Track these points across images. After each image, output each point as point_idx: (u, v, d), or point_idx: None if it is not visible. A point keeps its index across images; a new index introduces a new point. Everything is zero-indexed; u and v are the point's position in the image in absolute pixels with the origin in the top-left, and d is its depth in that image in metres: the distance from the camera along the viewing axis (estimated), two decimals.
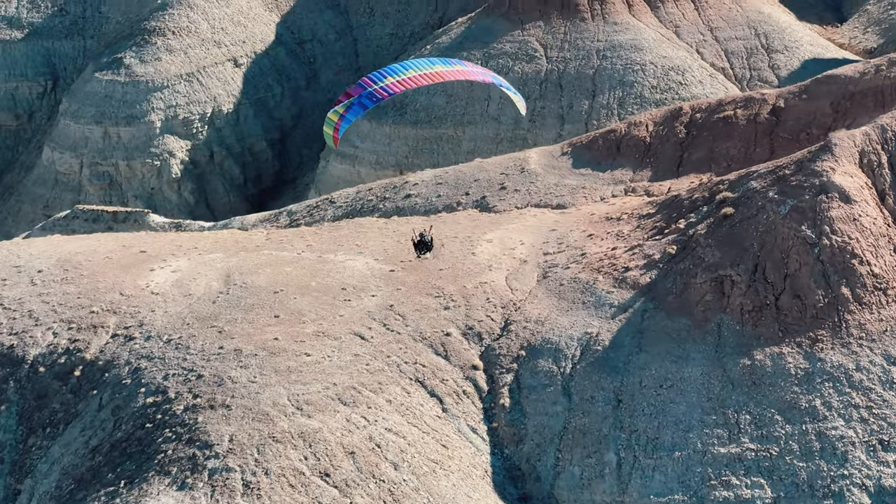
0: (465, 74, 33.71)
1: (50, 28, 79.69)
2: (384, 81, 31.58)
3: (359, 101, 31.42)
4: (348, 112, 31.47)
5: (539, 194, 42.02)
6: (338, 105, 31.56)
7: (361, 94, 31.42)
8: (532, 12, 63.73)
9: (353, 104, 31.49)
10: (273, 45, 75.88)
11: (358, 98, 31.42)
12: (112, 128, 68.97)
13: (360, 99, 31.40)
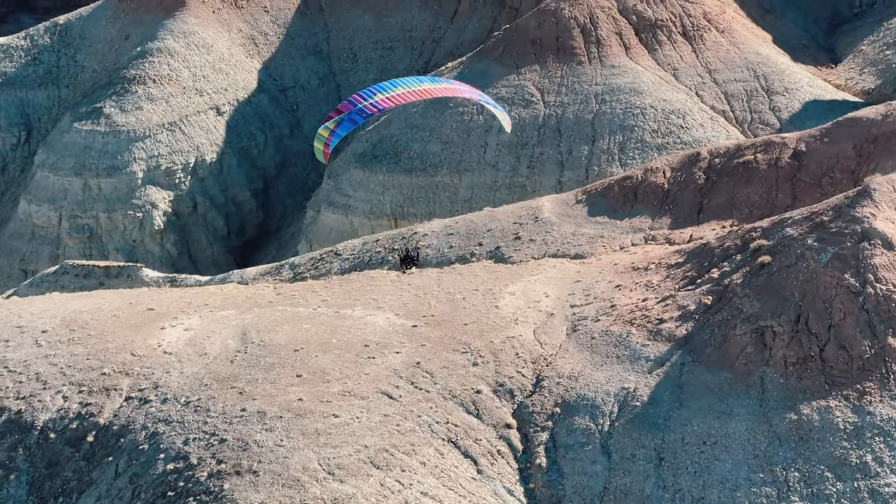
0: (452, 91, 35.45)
1: (23, 77, 78.91)
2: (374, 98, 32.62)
3: (349, 117, 32.45)
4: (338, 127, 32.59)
5: (556, 244, 41.60)
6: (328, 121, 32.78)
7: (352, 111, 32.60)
8: (527, 56, 63.65)
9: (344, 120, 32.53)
10: (255, 92, 75.46)
11: (348, 114, 32.46)
12: (92, 179, 68.19)
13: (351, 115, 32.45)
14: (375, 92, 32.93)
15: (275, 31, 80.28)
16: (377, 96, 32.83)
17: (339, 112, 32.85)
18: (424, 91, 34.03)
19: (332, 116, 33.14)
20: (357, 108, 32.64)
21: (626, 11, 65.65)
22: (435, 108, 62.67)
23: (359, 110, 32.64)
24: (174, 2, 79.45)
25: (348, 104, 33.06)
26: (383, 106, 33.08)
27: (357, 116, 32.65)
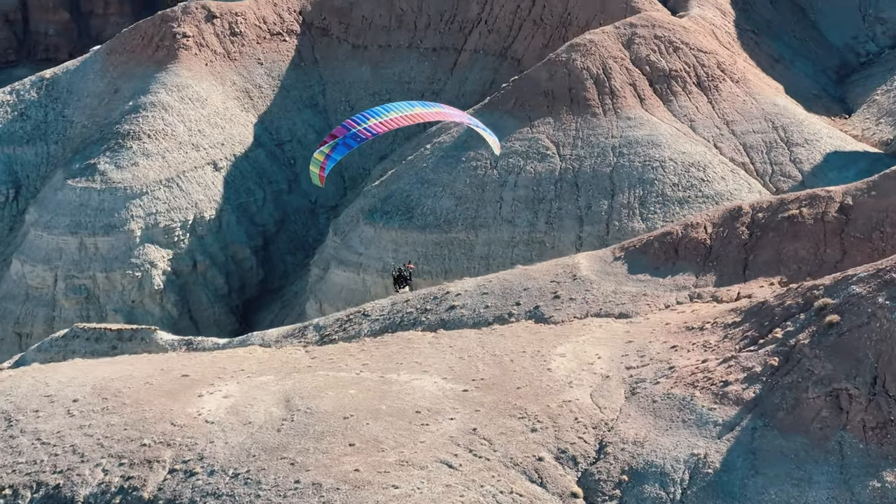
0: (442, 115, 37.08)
1: (10, 133, 78.24)
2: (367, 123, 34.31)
3: (343, 141, 34.05)
4: (334, 152, 34.30)
5: (597, 303, 41.15)
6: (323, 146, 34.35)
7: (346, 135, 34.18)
8: (540, 108, 63.55)
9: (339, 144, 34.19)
10: (252, 146, 75.08)
11: (343, 139, 34.07)
12: (89, 238, 67.43)
13: (345, 139, 34.04)
14: (369, 117, 34.37)
15: (269, 84, 80.00)
16: (370, 121, 34.33)
17: (334, 136, 34.45)
18: (416, 115, 35.54)
19: (327, 141, 34.64)
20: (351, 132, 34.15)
21: (638, 62, 65.73)
22: (447, 163, 62.38)
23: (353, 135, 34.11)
24: (166, 54, 79.05)
25: (342, 129, 34.54)
26: (377, 130, 34.62)
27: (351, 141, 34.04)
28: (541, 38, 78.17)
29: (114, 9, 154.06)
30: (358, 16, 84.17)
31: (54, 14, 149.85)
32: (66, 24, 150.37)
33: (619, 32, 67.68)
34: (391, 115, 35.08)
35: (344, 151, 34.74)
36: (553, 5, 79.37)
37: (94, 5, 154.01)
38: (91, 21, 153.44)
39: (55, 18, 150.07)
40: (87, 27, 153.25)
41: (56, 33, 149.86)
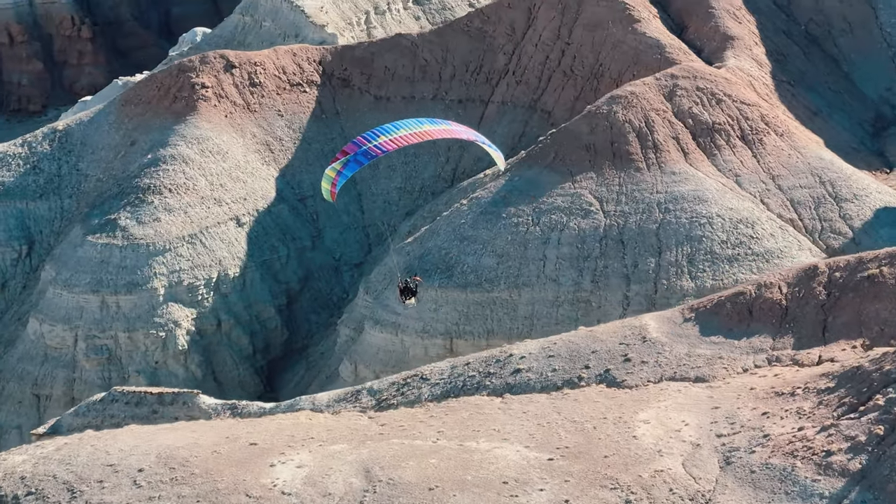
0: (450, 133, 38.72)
1: (23, 188, 77.80)
2: (378, 140, 36.09)
3: (354, 158, 35.87)
4: (345, 168, 36.05)
5: (671, 366, 40.80)
6: (335, 162, 36.26)
7: (357, 152, 35.99)
8: (581, 163, 63.40)
9: (350, 161, 35.93)
10: (275, 201, 74.79)
11: (354, 155, 35.89)
12: (110, 296, 66.90)
13: (356, 156, 35.88)
14: (379, 134, 36.27)
15: (290, 137, 79.80)
16: (381, 138, 36.14)
17: (346, 153, 36.35)
18: (425, 133, 37.21)
19: (339, 157, 36.54)
20: (362, 149, 35.96)
21: (681, 115, 65.72)
22: (486, 220, 62.12)
23: (364, 152, 35.95)
24: (184, 106, 78.78)
25: (353, 146, 36.47)
26: (387, 148, 36.37)
27: (362, 157, 35.98)
28: (572, 90, 78.18)
29: (88, 59, 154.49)
30: (380, 66, 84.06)
31: (27, 64, 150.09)
32: (39, 74, 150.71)
33: (661, 84, 67.72)
34: (401, 132, 36.67)
35: (355, 168, 36.35)
36: (583, 56, 79.44)
37: (68, 55, 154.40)
38: (65, 71, 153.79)
39: (28, 68, 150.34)
40: (60, 77, 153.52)
41: (29, 83, 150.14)
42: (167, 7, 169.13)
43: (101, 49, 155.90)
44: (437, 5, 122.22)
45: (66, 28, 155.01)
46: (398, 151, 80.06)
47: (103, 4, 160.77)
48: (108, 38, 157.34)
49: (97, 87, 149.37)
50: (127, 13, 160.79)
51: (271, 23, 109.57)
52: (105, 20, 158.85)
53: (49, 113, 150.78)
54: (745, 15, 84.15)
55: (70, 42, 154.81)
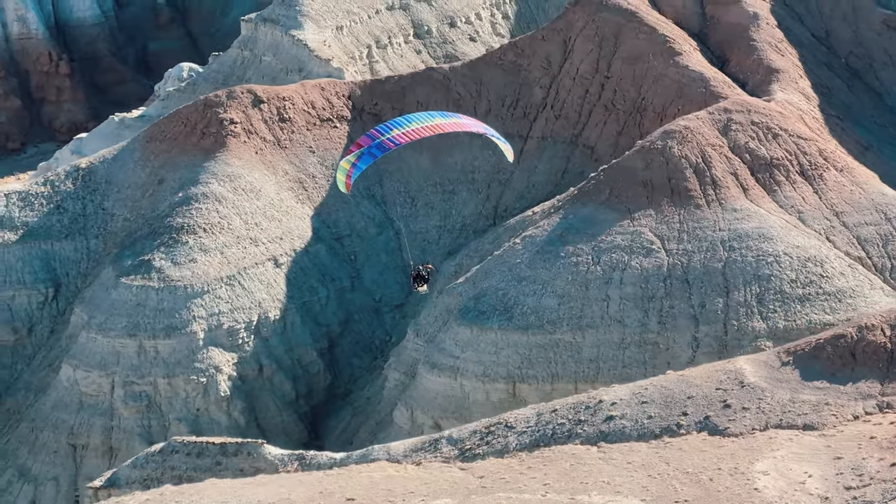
0: (461, 126, 41.19)
1: (47, 228, 76.83)
2: (391, 133, 38.66)
3: (369, 150, 38.59)
4: (360, 161, 38.84)
5: (776, 413, 40.08)
6: (349, 154, 39.16)
7: (371, 145, 38.64)
8: (639, 199, 62.87)
9: (364, 153, 38.71)
10: (312, 241, 74.07)
11: (368, 148, 38.60)
12: (148, 341, 66.03)
13: (370, 149, 38.56)
14: (392, 127, 38.82)
15: (323, 174, 79.10)
16: (394, 131, 38.67)
17: (360, 146, 39.10)
18: (437, 126, 39.65)
19: (353, 150, 39.24)
20: (376, 142, 38.53)
21: (737, 149, 65.28)
22: (544, 259, 61.46)
23: (378, 144, 38.49)
24: (213, 142, 78.08)
25: (367, 139, 39.13)
26: (400, 141, 38.89)
27: (376, 150, 38.53)
28: (614, 125, 77.69)
29: (67, 95, 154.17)
30: (412, 100, 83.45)
31: (5, 101, 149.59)
32: (17, 111, 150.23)
33: (714, 118, 67.29)
34: (413, 125, 39.02)
35: (369, 160, 38.84)
36: (625, 90, 79.00)
37: (46, 92, 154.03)
38: (43, 108, 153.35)
39: (6, 106, 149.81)
40: (38, 115, 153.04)
41: (7, 121, 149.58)
42: (144, 42, 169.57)
43: (79, 85, 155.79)
44: (437, 39, 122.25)
45: (44, 64, 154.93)
46: (433, 188, 79.73)
47: (80, 40, 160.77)
48: (86, 73, 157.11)
49: (77, 123, 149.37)
50: (104, 48, 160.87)
51: (272, 57, 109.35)
52: (82, 56, 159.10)
53: (28, 150, 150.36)
54: (788, 47, 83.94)
55: (48, 78, 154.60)
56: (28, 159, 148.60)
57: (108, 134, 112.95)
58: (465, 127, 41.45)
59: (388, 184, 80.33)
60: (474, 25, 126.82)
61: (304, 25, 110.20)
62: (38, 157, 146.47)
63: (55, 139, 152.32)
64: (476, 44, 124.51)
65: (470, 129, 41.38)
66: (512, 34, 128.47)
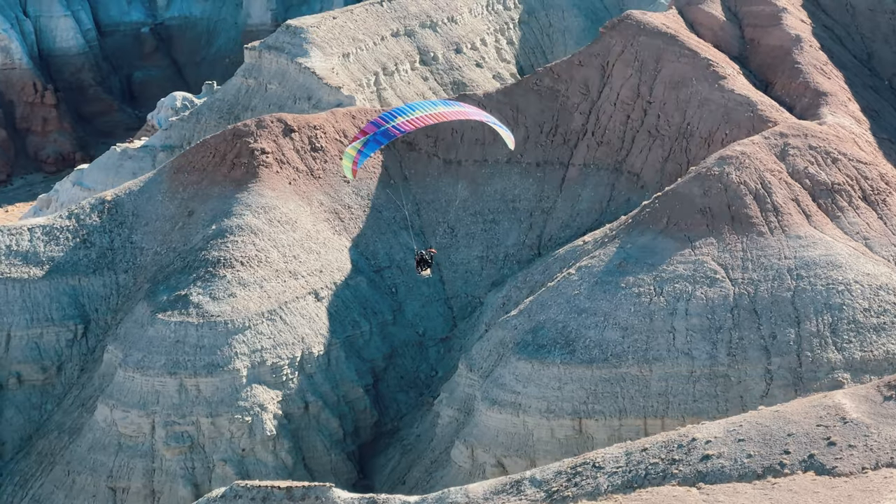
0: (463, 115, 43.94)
1: (74, 263, 75.87)
2: (395, 121, 41.12)
3: (374, 137, 41.11)
4: (366, 147, 41.29)
5: (885, 451, 39.23)
6: (355, 141, 41.68)
7: (376, 132, 41.14)
8: (699, 227, 62.07)
9: (370, 140, 41.21)
10: (351, 274, 73.20)
11: (373, 135, 41.10)
12: (189, 379, 65.01)
13: (376, 136, 41.07)
14: (396, 115, 41.32)
15: (359, 204, 78.24)
16: (398, 119, 41.11)
17: (365, 133, 41.65)
18: (440, 114, 42.35)
19: (359, 137, 41.74)
20: (381, 129, 40.95)
21: (797, 175, 64.57)
22: (604, 290, 60.56)
23: (383, 132, 40.92)
24: (244, 172, 77.28)
25: (372, 126, 41.55)
26: (404, 128, 41.24)
27: (381, 137, 40.99)
28: (659, 151, 76.96)
29: (53, 125, 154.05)
30: (446, 128, 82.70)
31: None
32: (2, 142, 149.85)
33: (770, 143, 66.61)
34: (416, 113, 41.58)
35: (375, 147, 41.30)
36: (668, 115, 78.31)
37: (31, 122, 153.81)
38: (28, 138, 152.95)
39: None
40: (24, 145, 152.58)
41: None
42: (129, 72, 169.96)
43: (65, 115, 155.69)
44: (444, 66, 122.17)
45: (29, 94, 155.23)
46: (473, 218, 78.78)
47: (64, 70, 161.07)
48: (72, 103, 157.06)
49: (64, 154, 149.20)
50: (89, 78, 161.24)
51: (278, 85, 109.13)
52: (67, 85, 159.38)
53: (15, 182, 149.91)
54: (833, 70, 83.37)
55: (33, 109, 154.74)
56: (15, 191, 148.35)
57: (109, 165, 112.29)
58: (467, 115, 43.98)
59: (426, 214, 79.51)
60: (480, 51, 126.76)
61: (311, 53, 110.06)
62: (25, 189, 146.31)
63: (42, 170, 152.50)
64: (483, 70, 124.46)
65: (472, 117, 43.71)
66: (517, 60, 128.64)
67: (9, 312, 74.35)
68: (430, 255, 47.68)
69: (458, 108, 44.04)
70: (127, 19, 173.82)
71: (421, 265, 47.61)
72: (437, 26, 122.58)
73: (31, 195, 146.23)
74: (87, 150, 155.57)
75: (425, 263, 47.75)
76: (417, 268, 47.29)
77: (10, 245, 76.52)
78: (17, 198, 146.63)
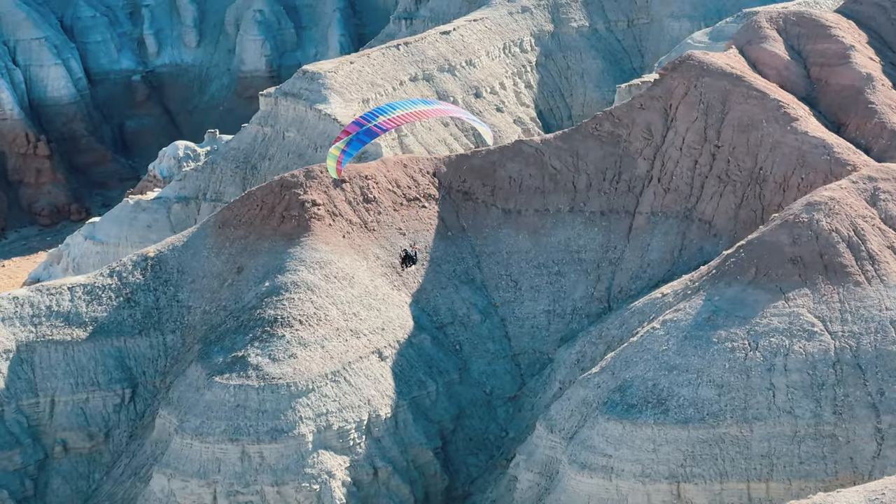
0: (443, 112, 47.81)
1: (118, 323, 74.80)
2: (377, 120, 43.44)
3: (357, 137, 43.38)
4: (349, 147, 43.42)
5: None
6: (338, 141, 43.82)
7: (359, 132, 43.34)
8: (791, 278, 60.94)
9: (353, 140, 43.39)
10: (414, 331, 72.12)
11: (356, 135, 43.38)
12: (252, 445, 63.86)
13: (359, 136, 43.34)
14: (377, 114, 43.60)
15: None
16: (380, 118, 43.42)
17: (348, 133, 43.75)
18: (421, 112, 45.02)
19: (342, 137, 43.78)
20: (364, 128, 43.14)
21: (890, 220, 63.69)
22: (694, 345, 59.39)
23: (366, 131, 43.10)
24: (295, 226, 76.23)
25: (355, 126, 43.90)
26: (386, 126, 43.68)
27: (364, 136, 43.12)
28: (732, 197, 75.94)
29: (46, 177, 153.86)
30: (503, 176, 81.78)
31: None
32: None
33: (859, 188, 65.64)
34: (398, 112, 43.91)
35: (359, 147, 43.43)
36: (739, 160, 77.34)
37: (24, 174, 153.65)
38: (21, 190, 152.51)
39: None
40: (17, 198, 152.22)
41: None
42: (120, 121, 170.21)
43: (59, 166, 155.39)
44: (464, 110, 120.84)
45: (21, 146, 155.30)
46: (536, 270, 77.67)
47: (56, 120, 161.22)
48: (65, 154, 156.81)
49: (58, 206, 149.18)
50: (81, 128, 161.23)
51: (296, 133, 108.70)
52: (59, 136, 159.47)
53: (10, 236, 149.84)
54: None
55: (26, 160, 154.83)
56: (10, 245, 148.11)
57: (122, 218, 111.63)
58: (447, 112, 47.79)
59: (487, 267, 78.44)
60: (499, 95, 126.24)
61: (330, 99, 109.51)
62: (20, 243, 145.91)
63: (36, 223, 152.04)
64: (503, 114, 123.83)
65: (451, 114, 47.14)
66: (536, 104, 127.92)
67: (52, 377, 73.30)
68: (415, 251, 52.38)
69: (438, 106, 47.56)
70: (117, 67, 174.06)
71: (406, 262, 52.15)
72: (455, 70, 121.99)
73: (28, 249, 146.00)
74: (82, 201, 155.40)
75: (410, 260, 52.26)
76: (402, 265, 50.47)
77: (51, 305, 75.49)
78: (14, 252, 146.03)
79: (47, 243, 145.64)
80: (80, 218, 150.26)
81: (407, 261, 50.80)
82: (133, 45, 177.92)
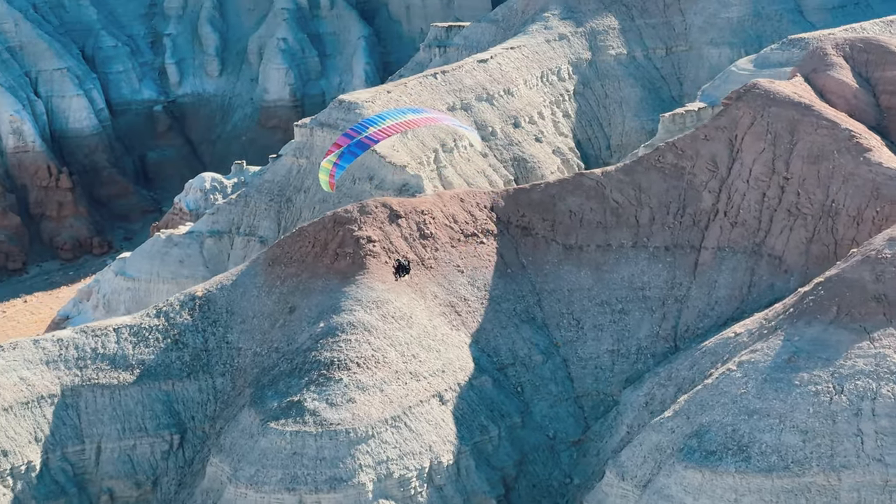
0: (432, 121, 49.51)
1: (166, 366, 73.69)
2: (367, 131, 44.79)
3: (349, 149, 44.94)
4: (341, 160, 44.94)
5: None
6: (330, 154, 45.38)
7: (350, 144, 44.90)
8: (875, 317, 59.46)
9: (345, 153, 44.85)
10: (474, 373, 70.89)
11: (348, 147, 44.96)
12: (310, 495, 62.78)
13: (350, 148, 44.92)
14: (367, 126, 44.95)
15: (475, 296, 75.83)
16: (370, 129, 44.86)
17: (339, 146, 45.20)
18: (410, 122, 46.67)
19: (333, 150, 45.20)
20: (355, 140, 44.66)
21: None
22: (775, 389, 57.87)
23: (357, 143, 44.65)
24: (350, 264, 74.93)
25: (345, 138, 45.38)
26: (377, 137, 45.25)
27: (356, 149, 44.60)
28: (802, 231, 74.39)
29: (69, 210, 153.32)
30: (563, 210, 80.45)
31: (3, 219, 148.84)
32: (16, 229, 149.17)
33: None
34: (387, 122, 45.41)
35: (351, 159, 44.95)
36: (810, 192, 75.80)
37: (46, 208, 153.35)
38: (43, 224, 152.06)
39: (4, 223, 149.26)
40: (38, 231, 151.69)
41: (7, 239, 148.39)
42: (142, 152, 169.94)
43: (81, 199, 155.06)
44: (503, 141, 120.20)
45: (43, 178, 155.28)
46: (599, 308, 76.17)
47: (77, 151, 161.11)
48: (86, 187, 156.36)
49: (80, 240, 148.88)
50: (103, 160, 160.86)
51: None
52: (81, 168, 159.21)
53: (31, 270, 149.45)
54: None
55: (47, 193, 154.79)
56: (32, 279, 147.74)
57: (154, 253, 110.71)
58: (436, 121, 49.57)
59: (548, 305, 77.05)
60: (538, 125, 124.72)
61: None
62: (42, 278, 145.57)
63: (58, 257, 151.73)
64: (542, 144, 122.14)
65: (439, 122, 48.97)
66: (574, 133, 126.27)
67: (98, 423, 72.22)
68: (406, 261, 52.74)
69: (427, 114, 48.46)
70: (139, 97, 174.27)
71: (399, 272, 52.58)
72: (493, 99, 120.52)
73: (50, 284, 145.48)
74: (104, 235, 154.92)
75: (404, 270, 53.05)
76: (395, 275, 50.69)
77: (97, 347, 74.49)
78: (36, 287, 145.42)
79: (69, 278, 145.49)
80: (103, 252, 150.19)
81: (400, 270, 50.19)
82: (154, 75, 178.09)
